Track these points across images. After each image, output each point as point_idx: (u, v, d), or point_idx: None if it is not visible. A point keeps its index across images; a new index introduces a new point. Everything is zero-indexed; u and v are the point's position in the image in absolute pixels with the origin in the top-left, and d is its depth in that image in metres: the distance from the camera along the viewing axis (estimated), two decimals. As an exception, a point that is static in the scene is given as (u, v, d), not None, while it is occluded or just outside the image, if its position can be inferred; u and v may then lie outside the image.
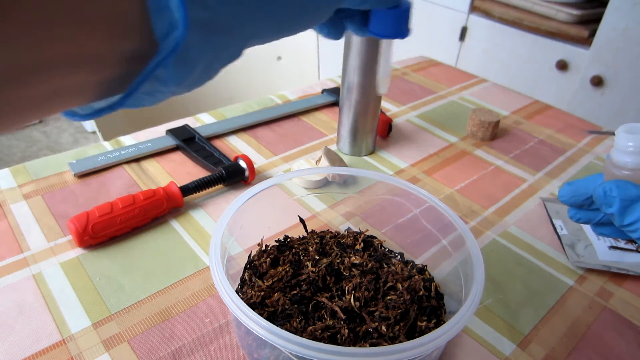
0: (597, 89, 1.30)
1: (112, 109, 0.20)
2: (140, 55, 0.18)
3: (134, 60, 0.18)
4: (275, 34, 0.22)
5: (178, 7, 0.17)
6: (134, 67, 0.18)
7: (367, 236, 0.46)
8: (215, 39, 0.19)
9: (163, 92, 0.20)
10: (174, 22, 0.17)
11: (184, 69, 0.19)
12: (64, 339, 0.38)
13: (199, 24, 0.18)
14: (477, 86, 0.91)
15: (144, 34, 0.17)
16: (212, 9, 0.18)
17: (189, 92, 0.21)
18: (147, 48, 0.18)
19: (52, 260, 0.45)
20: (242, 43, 0.21)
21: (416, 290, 0.39)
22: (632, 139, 0.34)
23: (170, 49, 0.17)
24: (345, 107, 0.63)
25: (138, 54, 0.18)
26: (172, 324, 0.40)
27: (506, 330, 0.41)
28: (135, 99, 0.19)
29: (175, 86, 0.19)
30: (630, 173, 0.34)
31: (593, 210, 0.38)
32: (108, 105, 0.20)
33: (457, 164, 0.65)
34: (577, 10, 1.30)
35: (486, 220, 0.55)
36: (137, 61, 0.18)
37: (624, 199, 0.32)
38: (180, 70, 0.18)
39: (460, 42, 1.58)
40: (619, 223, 0.33)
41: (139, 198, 0.48)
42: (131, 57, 0.18)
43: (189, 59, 0.18)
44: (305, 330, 0.35)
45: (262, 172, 0.61)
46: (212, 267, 0.33)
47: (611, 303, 0.45)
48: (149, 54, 0.18)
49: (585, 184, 0.37)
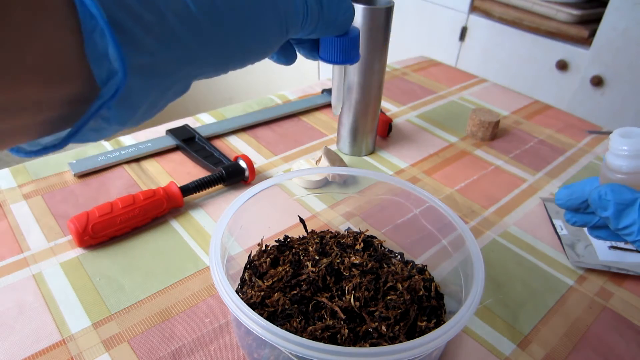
0: (597, 89, 1.30)
1: (58, 147, 0.20)
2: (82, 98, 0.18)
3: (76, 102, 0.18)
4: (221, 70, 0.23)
5: (116, 58, 0.17)
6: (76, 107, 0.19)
7: (367, 236, 0.46)
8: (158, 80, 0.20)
9: (108, 129, 0.20)
10: (113, 69, 0.18)
11: (127, 110, 0.19)
12: (64, 339, 0.38)
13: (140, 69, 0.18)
14: (477, 86, 0.91)
15: (84, 80, 0.18)
16: (152, 54, 0.19)
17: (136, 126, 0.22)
18: (88, 91, 0.18)
19: (52, 260, 0.45)
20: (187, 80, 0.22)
21: (416, 290, 0.39)
22: (627, 142, 0.34)
23: (111, 93, 0.18)
24: (345, 107, 0.63)
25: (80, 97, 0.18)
26: (172, 324, 0.40)
27: (506, 330, 0.41)
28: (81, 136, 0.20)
29: (119, 125, 0.20)
30: (625, 177, 0.34)
31: (589, 213, 0.38)
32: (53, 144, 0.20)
33: (457, 164, 0.65)
34: (577, 10, 1.30)
35: (486, 220, 0.55)
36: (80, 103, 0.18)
37: (618, 202, 0.33)
38: (123, 111, 0.19)
39: (460, 42, 1.58)
40: (614, 226, 0.33)
41: (139, 198, 0.48)
42: (72, 100, 0.18)
43: (132, 101, 0.19)
44: (305, 330, 0.35)
45: (262, 172, 0.61)
46: (212, 267, 0.33)
47: (611, 303, 0.45)
48: (91, 96, 0.18)
49: (581, 187, 0.37)
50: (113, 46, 0.17)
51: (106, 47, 0.17)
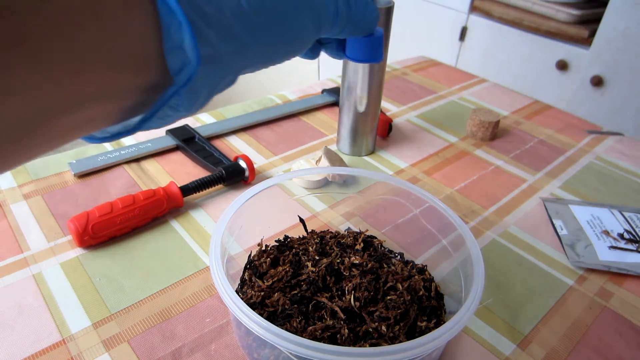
0: (597, 89, 1.30)
1: (131, 133, 0.23)
2: (156, 86, 0.21)
3: (150, 90, 0.21)
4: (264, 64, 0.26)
5: (191, 48, 0.20)
6: (150, 96, 0.21)
7: (367, 236, 0.46)
8: (217, 71, 0.22)
9: (173, 116, 0.23)
10: (187, 59, 0.20)
11: (193, 97, 0.22)
12: (64, 339, 0.38)
13: (205, 60, 0.21)
14: (477, 86, 0.91)
15: (159, 69, 0.20)
16: (215, 47, 0.21)
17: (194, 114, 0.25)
18: (162, 80, 0.21)
19: (52, 260, 0.45)
20: (237, 73, 0.24)
21: (416, 290, 0.39)
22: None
23: (183, 81, 0.21)
24: (345, 107, 0.63)
25: (154, 85, 0.21)
26: (172, 324, 0.40)
27: (506, 330, 0.41)
28: (151, 123, 0.23)
29: (185, 111, 0.23)
30: None
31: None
32: (125, 130, 0.23)
33: (457, 164, 0.65)
34: (577, 10, 1.30)
35: (486, 220, 0.55)
36: (153, 91, 0.21)
37: None
38: (190, 98, 0.22)
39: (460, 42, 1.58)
40: None
41: (139, 198, 0.48)
42: (149, 89, 0.21)
43: (197, 89, 0.22)
44: (305, 330, 0.35)
45: (262, 172, 0.61)
46: (212, 267, 0.33)
47: (611, 303, 0.45)
48: (163, 84, 0.21)
49: None
50: (190, 38, 0.19)
51: (181, 39, 0.20)
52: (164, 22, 0.19)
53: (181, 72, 0.21)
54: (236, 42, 0.22)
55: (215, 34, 0.21)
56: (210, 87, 0.23)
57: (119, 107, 0.21)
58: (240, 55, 0.23)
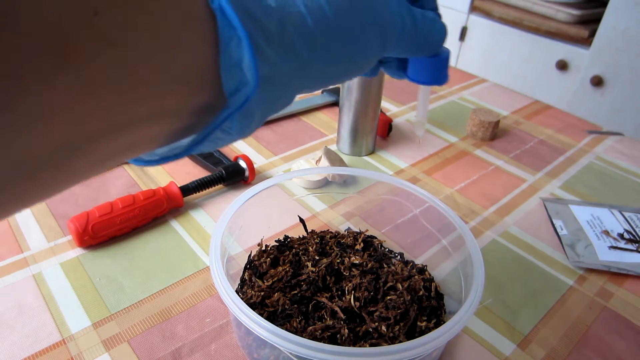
0: (597, 89, 1.30)
1: (179, 157, 0.21)
2: (209, 108, 0.19)
3: (202, 112, 0.19)
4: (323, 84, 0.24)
5: (250, 67, 0.18)
6: (201, 118, 0.19)
7: (367, 236, 0.46)
8: (274, 92, 0.20)
9: (224, 139, 0.21)
10: (244, 80, 0.18)
11: (247, 120, 0.20)
12: (64, 339, 0.38)
13: (263, 80, 0.19)
14: (477, 86, 0.91)
15: (213, 90, 0.18)
16: (274, 66, 0.19)
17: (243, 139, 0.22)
18: (215, 101, 0.19)
19: (52, 260, 0.45)
20: (294, 93, 0.22)
21: (416, 290, 0.39)
22: None
23: (239, 104, 0.19)
24: (345, 107, 0.63)
25: (207, 107, 0.19)
26: (172, 324, 0.40)
27: (506, 330, 0.41)
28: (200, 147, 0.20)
29: (237, 135, 0.21)
30: None
31: None
32: (173, 153, 0.21)
33: (457, 164, 0.65)
34: (577, 10, 1.30)
35: (486, 220, 0.55)
36: (205, 113, 0.19)
37: None
38: (244, 121, 0.20)
39: (460, 42, 1.58)
40: None
41: (139, 198, 0.48)
42: (201, 110, 0.19)
43: (251, 111, 0.20)
44: (305, 330, 0.35)
45: (262, 172, 0.61)
46: (212, 267, 0.33)
47: (611, 303, 0.45)
48: (216, 106, 0.19)
49: None
50: (250, 56, 0.17)
51: (240, 58, 0.18)
52: (223, 37, 0.17)
53: (237, 94, 0.19)
54: (297, 61, 0.20)
55: (275, 53, 0.19)
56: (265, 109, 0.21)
57: (169, 130, 0.19)
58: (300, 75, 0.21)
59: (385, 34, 0.24)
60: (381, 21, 0.24)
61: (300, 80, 0.21)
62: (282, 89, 0.21)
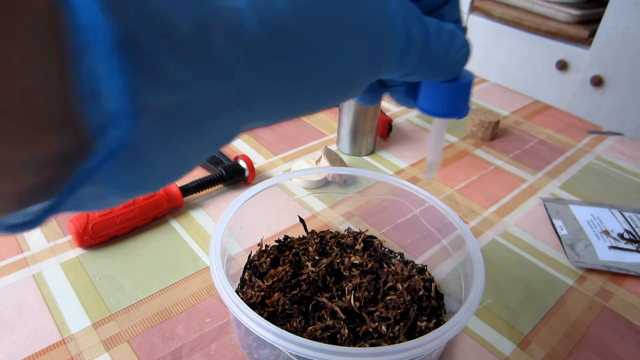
0: (597, 89, 1.30)
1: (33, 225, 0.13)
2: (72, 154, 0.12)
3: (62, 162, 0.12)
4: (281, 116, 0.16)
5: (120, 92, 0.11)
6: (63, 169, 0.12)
7: (367, 236, 0.46)
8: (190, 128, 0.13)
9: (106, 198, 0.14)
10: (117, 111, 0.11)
11: (140, 171, 0.13)
12: (64, 339, 0.38)
13: (162, 111, 0.12)
14: (477, 86, 0.91)
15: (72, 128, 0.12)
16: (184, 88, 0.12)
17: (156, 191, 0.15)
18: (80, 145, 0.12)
19: (52, 260, 0.45)
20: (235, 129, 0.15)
21: (416, 290, 0.39)
22: None
23: (110, 148, 0.12)
24: (345, 107, 0.63)
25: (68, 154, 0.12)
26: (172, 324, 0.40)
27: (506, 330, 0.41)
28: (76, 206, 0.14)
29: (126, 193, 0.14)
30: None
31: None
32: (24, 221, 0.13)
33: (457, 164, 0.65)
34: (577, 10, 1.30)
35: (486, 220, 0.55)
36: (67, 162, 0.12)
37: None
38: (134, 172, 0.13)
39: (460, 42, 1.58)
40: None
41: (139, 198, 0.48)
42: (58, 159, 0.12)
43: (147, 157, 0.13)
44: (305, 330, 0.35)
45: (262, 172, 0.61)
46: (212, 267, 0.33)
47: (611, 303, 0.45)
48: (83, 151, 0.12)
49: None
50: (118, 73, 0.11)
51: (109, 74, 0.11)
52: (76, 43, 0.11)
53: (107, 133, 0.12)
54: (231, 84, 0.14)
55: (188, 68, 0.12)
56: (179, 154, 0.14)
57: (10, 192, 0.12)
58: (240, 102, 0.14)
59: (379, 47, 0.17)
60: (373, 28, 0.17)
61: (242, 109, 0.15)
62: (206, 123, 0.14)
